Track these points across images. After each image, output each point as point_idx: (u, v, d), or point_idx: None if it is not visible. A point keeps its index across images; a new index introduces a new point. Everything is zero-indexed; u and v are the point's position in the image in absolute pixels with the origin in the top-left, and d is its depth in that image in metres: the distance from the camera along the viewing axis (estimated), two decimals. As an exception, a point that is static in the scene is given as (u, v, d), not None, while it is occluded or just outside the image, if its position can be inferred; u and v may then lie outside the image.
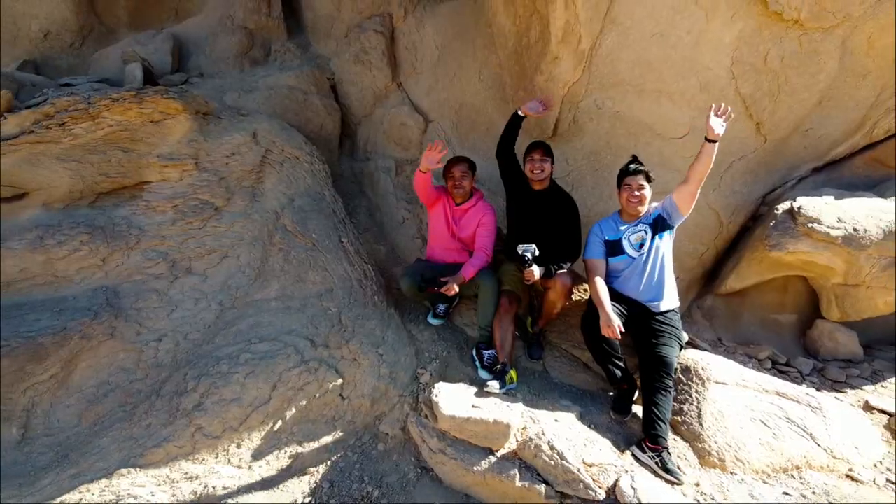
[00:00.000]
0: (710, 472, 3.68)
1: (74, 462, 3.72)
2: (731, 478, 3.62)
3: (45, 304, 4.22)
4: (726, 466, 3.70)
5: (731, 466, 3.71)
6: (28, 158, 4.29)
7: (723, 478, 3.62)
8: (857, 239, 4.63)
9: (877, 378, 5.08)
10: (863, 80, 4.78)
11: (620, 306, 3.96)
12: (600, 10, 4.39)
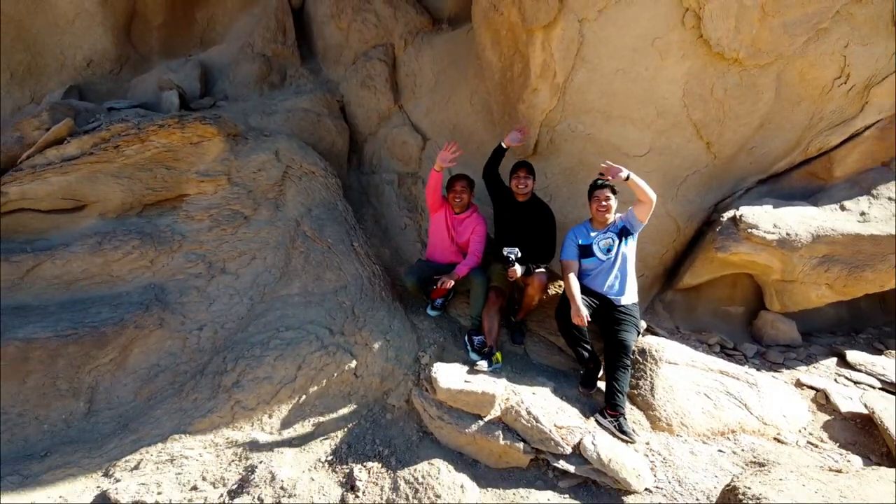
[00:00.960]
0: (659, 434, 4.28)
1: (134, 430, 4.27)
2: (676, 439, 4.23)
3: (103, 299, 4.76)
4: (673, 430, 4.30)
5: (678, 430, 4.31)
6: (87, 176, 4.84)
7: (669, 439, 4.23)
8: (790, 242, 5.20)
9: (811, 360, 5.67)
10: (797, 106, 5.32)
11: (589, 299, 4.50)
12: (571, 50, 4.93)
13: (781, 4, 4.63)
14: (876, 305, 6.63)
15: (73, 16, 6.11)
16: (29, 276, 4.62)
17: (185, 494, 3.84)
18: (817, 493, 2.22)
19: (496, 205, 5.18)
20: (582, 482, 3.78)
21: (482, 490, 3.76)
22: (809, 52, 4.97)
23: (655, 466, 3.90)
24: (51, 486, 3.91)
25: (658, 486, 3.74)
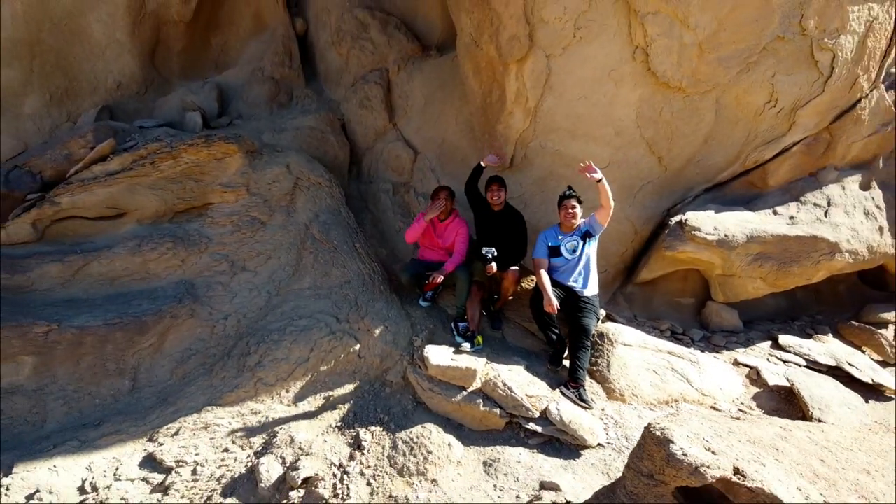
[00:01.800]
0: (613, 402, 4.91)
1: (172, 403, 4.84)
2: (627, 407, 4.87)
3: (142, 293, 5.32)
4: (625, 399, 4.94)
5: (629, 399, 4.94)
6: (127, 187, 5.39)
7: (622, 407, 4.86)
8: (728, 242, 5.82)
9: (749, 343, 6.29)
10: (735, 126, 5.92)
11: (558, 291, 5.14)
12: (541, 80, 5.53)
13: (716, 42, 5.26)
14: (811, 296, 7.26)
15: (105, 45, 6.62)
16: (79, 273, 5.17)
17: (219, 455, 4.44)
18: (710, 429, 2.85)
19: (476, 213, 5.78)
20: (547, 440, 4.42)
21: (466, 447, 4.38)
22: (742, 81, 5.57)
23: (608, 427, 4.54)
24: (105, 449, 4.49)
25: (609, 442, 4.39)
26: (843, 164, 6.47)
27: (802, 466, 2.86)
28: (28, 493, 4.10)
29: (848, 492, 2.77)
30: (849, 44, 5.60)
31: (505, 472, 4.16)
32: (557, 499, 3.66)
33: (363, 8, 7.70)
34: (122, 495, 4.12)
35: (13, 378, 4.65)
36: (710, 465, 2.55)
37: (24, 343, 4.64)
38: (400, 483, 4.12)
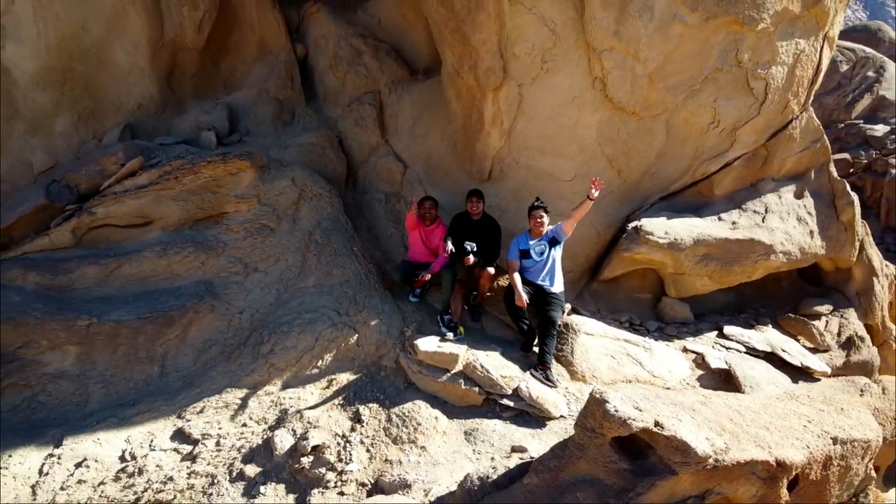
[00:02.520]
0: (575, 382, 5.54)
1: (196, 386, 5.37)
2: (587, 386, 5.48)
3: (167, 291, 5.85)
4: (586, 380, 5.56)
5: (589, 380, 5.56)
6: (154, 199, 5.92)
7: (583, 386, 5.49)
8: (677, 244, 6.43)
9: (698, 333, 6.89)
10: (684, 143, 6.56)
11: (528, 288, 5.76)
12: (514, 105, 6.14)
13: (663, 73, 5.90)
14: (757, 292, 7.86)
15: (128, 71, 7.10)
16: (112, 274, 5.70)
17: (238, 429, 5.01)
18: (641, 394, 3.48)
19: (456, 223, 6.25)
20: (518, 413, 5.04)
21: (450, 420, 4.99)
22: (688, 106, 6.22)
23: (570, 402, 5.17)
24: (140, 424, 5.04)
25: (570, 414, 5.01)
26: (780, 176, 7.12)
27: (713, 423, 3.50)
28: (77, 461, 4.66)
29: (748, 442, 3.41)
30: (779, 73, 6.27)
31: (482, 439, 4.78)
32: (524, 457, 4.29)
33: (358, 36, 8.26)
34: (156, 463, 4.69)
35: (59, 364, 5.20)
36: (636, 419, 3.17)
37: (68, 334, 5.18)
38: (394, 449, 4.73)
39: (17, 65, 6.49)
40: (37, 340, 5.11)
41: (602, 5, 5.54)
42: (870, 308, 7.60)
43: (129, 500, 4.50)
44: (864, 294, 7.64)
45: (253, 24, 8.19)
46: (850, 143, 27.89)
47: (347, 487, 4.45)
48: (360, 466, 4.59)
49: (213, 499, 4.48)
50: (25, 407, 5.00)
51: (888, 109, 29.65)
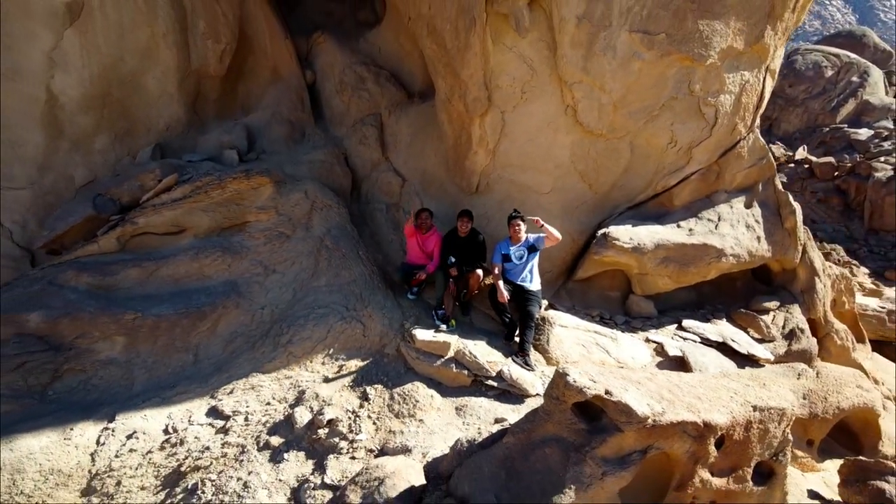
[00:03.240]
0: (550, 367, 6.19)
1: (226, 371, 5.98)
2: (561, 369, 6.19)
3: (199, 290, 6.45)
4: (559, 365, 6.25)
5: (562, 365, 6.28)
6: (187, 210, 6.54)
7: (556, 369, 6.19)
8: (640, 248, 7.09)
9: (660, 326, 7.52)
10: (647, 160, 7.21)
11: (509, 286, 6.44)
12: (497, 129, 6.79)
13: (625, 102, 6.58)
14: (715, 290, 8.51)
15: (158, 96, 7.72)
16: (152, 276, 6.31)
17: (263, 407, 5.64)
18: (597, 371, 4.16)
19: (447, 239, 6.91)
20: (501, 392, 5.69)
21: (443, 398, 5.64)
22: (649, 129, 6.87)
23: (545, 383, 5.83)
24: (179, 403, 5.65)
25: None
26: (731, 189, 7.78)
27: (654, 393, 4.17)
28: (128, 433, 5.28)
29: (681, 407, 4.09)
30: (727, 101, 6.96)
31: (470, 413, 5.44)
32: (505, 426, 4.96)
33: (360, 63, 8.92)
34: (195, 435, 5.32)
35: (109, 352, 5.81)
36: (590, 388, 3.85)
37: (117, 327, 5.80)
38: (396, 422, 5.39)
39: (63, 92, 7.09)
40: (90, 332, 5.72)
41: (571, 45, 6.23)
42: (812, 304, 8.29)
43: (173, 465, 5.13)
44: (808, 292, 8.32)
45: (267, 53, 8.84)
46: (834, 147, 29.68)
47: (357, 453, 5.11)
48: (368, 436, 5.24)
49: (244, 465, 5.13)
50: (81, 388, 5.61)
51: (872, 114, 31.36)
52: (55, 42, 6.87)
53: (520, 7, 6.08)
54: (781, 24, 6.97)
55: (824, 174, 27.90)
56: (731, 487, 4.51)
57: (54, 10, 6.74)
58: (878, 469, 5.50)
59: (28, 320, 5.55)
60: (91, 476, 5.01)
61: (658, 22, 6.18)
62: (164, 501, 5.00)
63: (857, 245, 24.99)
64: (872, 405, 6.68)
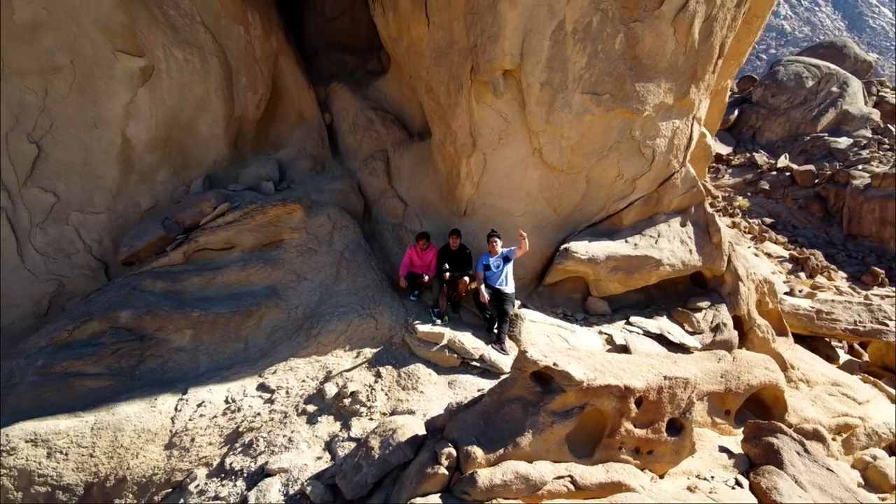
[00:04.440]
0: (521, 352, 7.43)
1: (269, 356, 7.04)
2: (529, 354, 7.38)
3: (247, 293, 7.53)
4: (529, 350, 7.44)
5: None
6: (236, 231, 7.66)
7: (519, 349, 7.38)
8: (594, 260, 8.25)
9: (612, 321, 8.59)
10: (600, 189, 8.36)
11: (489, 289, 7.57)
12: (481, 166, 7.92)
13: (581, 145, 7.73)
14: (660, 292, 9.67)
15: (208, 137, 8.82)
16: (210, 282, 7.43)
17: (300, 383, 6.77)
18: (549, 350, 5.36)
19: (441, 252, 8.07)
20: (483, 370, 6.85)
21: (439, 375, 6.79)
22: (600, 165, 8.04)
23: (517, 364, 7.04)
24: (235, 380, 6.75)
25: (516, 371, 6.89)
26: (669, 211, 8.93)
27: (591, 366, 5.36)
28: (198, 402, 6.39)
29: (610, 376, 5.27)
30: (662, 143, 8.18)
31: (459, 386, 6.61)
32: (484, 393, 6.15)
33: (370, 108, 10.11)
34: (248, 404, 6.46)
35: (180, 342, 6.92)
36: (542, 360, 5.04)
37: (186, 322, 6.91)
38: (403, 393, 6.56)
39: (135, 136, 8.22)
40: (166, 326, 6.85)
41: (537, 104, 7.44)
42: (737, 304, 9.48)
43: (233, 427, 6.27)
44: (733, 294, 9.53)
45: (293, 100, 10.02)
46: (815, 155, 29.74)
47: (374, 416, 6.28)
48: (382, 404, 6.42)
49: (287, 425, 6.29)
50: (160, 369, 6.74)
51: (851, 123, 31.39)
52: (131, 97, 8.03)
53: (497, 76, 7.31)
54: (703, 83, 8.22)
55: (805, 181, 27.75)
56: (650, 437, 5.69)
57: (131, 73, 7.91)
58: (769, 429, 6.69)
59: (120, 316, 6.69)
60: (172, 434, 6.14)
61: (603, 85, 7.41)
62: (227, 453, 6.17)
63: (835, 250, 24.69)
64: (777, 383, 7.89)
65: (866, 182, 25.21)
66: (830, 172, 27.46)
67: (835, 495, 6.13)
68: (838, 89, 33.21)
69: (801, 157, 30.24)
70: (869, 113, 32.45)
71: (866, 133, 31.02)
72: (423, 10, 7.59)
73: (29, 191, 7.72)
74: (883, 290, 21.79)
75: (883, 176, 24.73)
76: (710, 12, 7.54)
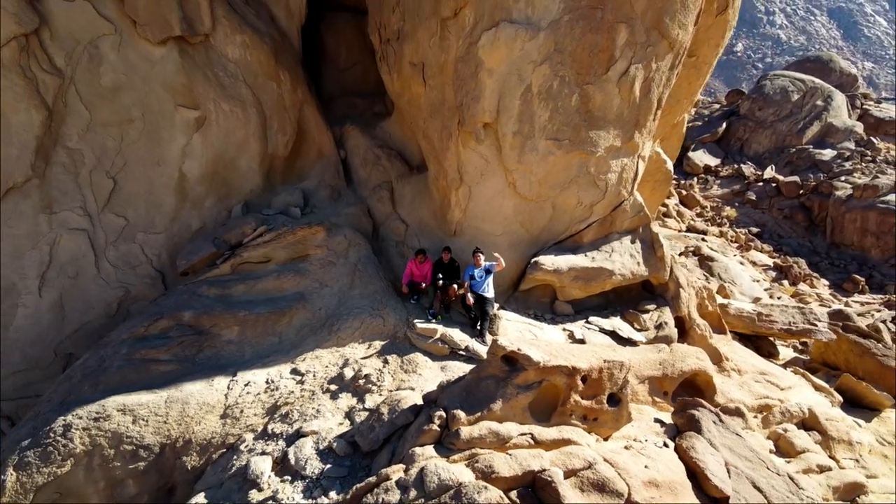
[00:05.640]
0: (499, 344, 8.65)
1: (299, 348, 8.16)
2: (505, 346, 8.60)
3: (281, 298, 8.66)
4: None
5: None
6: (272, 248, 8.81)
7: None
8: (558, 270, 9.51)
9: (575, 321, 9.74)
10: (564, 214, 9.55)
11: (474, 295, 8.80)
12: (467, 196, 9.08)
13: (547, 179, 8.94)
14: (617, 297, 10.83)
15: (246, 171, 9.97)
16: (252, 289, 8.58)
17: (324, 368, 7.91)
18: (518, 340, 6.58)
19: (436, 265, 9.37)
20: (468, 358, 8.00)
21: (433, 362, 7.95)
22: (563, 195, 9.28)
23: (495, 353, 8.26)
24: (273, 366, 7.88)
25: (494, 358, 8.11)
26: (621, 231, 10.09)
27: (547, 351, 6.57)
28: (245, 383, 7.52)
29: (561, 359, 6.48)
30: (613, 177, 9.43)
31: (449, 370, 7.76)
32: (468, 375, 7.36)
33: (377, 146, 11.33)
34: (284, 384, 7.60)
35: (229, 336, 8.04)
36: (508, 346, 6.25)
37: (234, 321, 8.06)
38: (405, 376, 7.73)
39: (189, 172, 9.43)
40: (218, 324, 8.02)
41: (510, 148, 8.66)
42: (678, 307, 10.67)
43: (272, 402, 7.41)
44: (675, 298, 10.73)
45: (315, 140, 11.25)
46: (800, 167, 29.37)
47: (383, 393, 7.43)
48: (389, 383, 7.59)
49: (315, 400, 7.47)
50: (214, 357, 7.88)
51: (836, 135, 30.80)
52: (187, 141, 9.26)
53: (478, 127, 8.57)
54: (646, 129, 9.50)
55: (790, 192, 27.45)
56: (594, 406, 6.86)
57: (188, 122, 9.16)
58: (693, 404, 7.86)
59: (183, 316, 7.87)
60: (225, 407, 7.29)
61: (563, 133, 8.68)
62: (269, 421, 7.34)
63: (819, 258, 24.25)
64: (706, 369, 9.07)
65: (848, 193, 24.22)
66: (815, 183, 26.50)
67: (741, 454, 7.32)
68: (823, 103, 32.58)
69: (787, 169, 29.66)
70: (852, 126, 31.52)
71: (850, 145, 30.13)
72: (421, 75, 8.89)
73: (105, 216, 8.92)
74: (863, 297, 21.73)
75: (864, 187, 24.04)
76: (648, 75, 8.82)
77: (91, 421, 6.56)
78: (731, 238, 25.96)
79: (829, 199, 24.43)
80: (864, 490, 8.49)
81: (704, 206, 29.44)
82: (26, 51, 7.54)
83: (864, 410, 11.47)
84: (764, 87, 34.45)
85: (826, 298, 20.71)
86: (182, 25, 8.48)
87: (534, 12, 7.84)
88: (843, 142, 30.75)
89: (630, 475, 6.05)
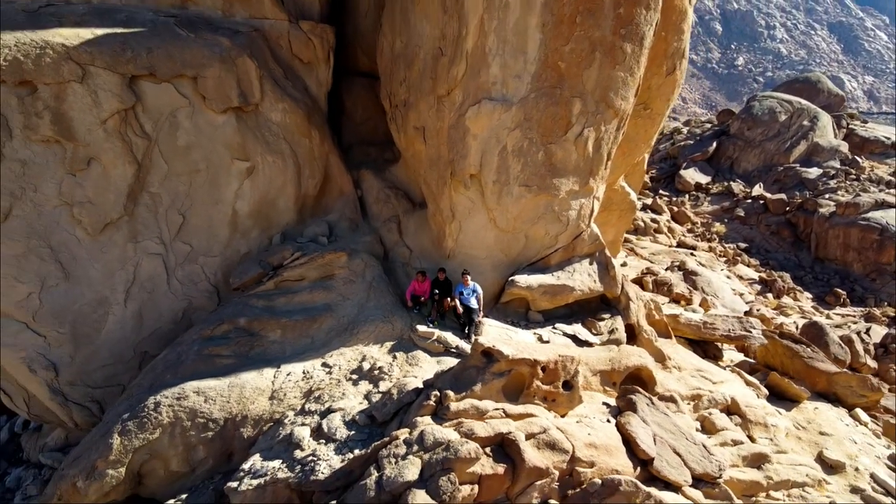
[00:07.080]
0: (482, 344, 10.12)
1: (327, 346, 9.63)
2: (487, 345, 10.06)
3: (312, 308, 10.12)
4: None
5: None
6: (305, 269, 10.26)
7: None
8: (530, 287, 10.93)
9: (544, 326, 11.22)
10: (535, 242, 10.92)
11: (463, 306, 10.28)
12: (458, 229, 10.48)
13: (520, 216, 10.43)
14: (581, 307, 12.31)
15: (283, 209, 11.40)
16: (291, 301, 9.98)
17: (347, 362, 9.35)
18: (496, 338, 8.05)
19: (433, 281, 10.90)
20: (457, 355, 9.51)
21: (431, 358, 9.40)
22: (534, 228, 10.69)
23: (479, 351, 9.73)
24: (308, 361, 9.33)
25: (478, 355, 9.58)
26: (581, 255, 11.46)
27: (515, 348, 8.07)
28: (287, 373, 8.95)
29: (527, 353, 7.96)
30: (574, 213, 10.91)
31: (443, 364, 9.20)
32: (457, 366, 8.83)
33: (388, 187, 12.86)
34: (317, 374, 9.12)
35: (273, 337, 9.45)
36: (486, 343, 7.75)
37: (277, 325, 9.49)
38: (409, 368, 9.18)
39: (240, 209, 10.83)
40: (265, 327, 9.45)
41: (491, 193, 10.16)
42: (628, 316, 12.05)
43: (308, 387, 8.82)
44: (626, 309, 12.13)
45: (337, 181, 12.75)
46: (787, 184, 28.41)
47: (392, 380, 8.85)
48: (397, 373, 9.02)
49: (340, 386, 8.92)
50: (263, 353, 9.28)
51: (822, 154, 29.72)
52: (239, 185, 10.76)
53: (466, 177, 10.08)
54: (599, 175, 11.04)
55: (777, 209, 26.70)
56: (552, 391, 8.30)
57: (241, 171, 10.69)
58: (631, 391, 9.28)
59: (239, 321, 9.33)
60: (272, 391, 8.71)
61: (532, 181, 10.20)
62: (305, 402, 8.77)
63: (804, 272, 23.56)
64: (646, 365, 10.48)
65: (832, 210, 23.42)
66: (800, 201, 25.60)
67: (666, 429, 8.74)
68: (809, 123, 31.55)
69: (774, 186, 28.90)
70: (838, 145, 30.53)
71: (835, 164, 29.05)
72: (422, 136, 10.51)
73: (176, 244, 10.42)
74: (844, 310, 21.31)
75: (846, 205, 23.46)
76: (599, 135, 10.42)
77: (175, 399, 7.99)
78: (720, 253, 25.38)
79: (814, 216, 23.58)
80: (769, 459, 9.86)
81: (695, 222, 28.75)
82: (125, 121, 9.13)
83: (787, 402, 12.82)
84: (753, 108, 33.63)
85: (808, 311, 20.38)
86: (239, 98, 10.10)
87: (508, 92, 9.47)
88: (828, 160, 29.72)
89: (575, 439, 7.48)
